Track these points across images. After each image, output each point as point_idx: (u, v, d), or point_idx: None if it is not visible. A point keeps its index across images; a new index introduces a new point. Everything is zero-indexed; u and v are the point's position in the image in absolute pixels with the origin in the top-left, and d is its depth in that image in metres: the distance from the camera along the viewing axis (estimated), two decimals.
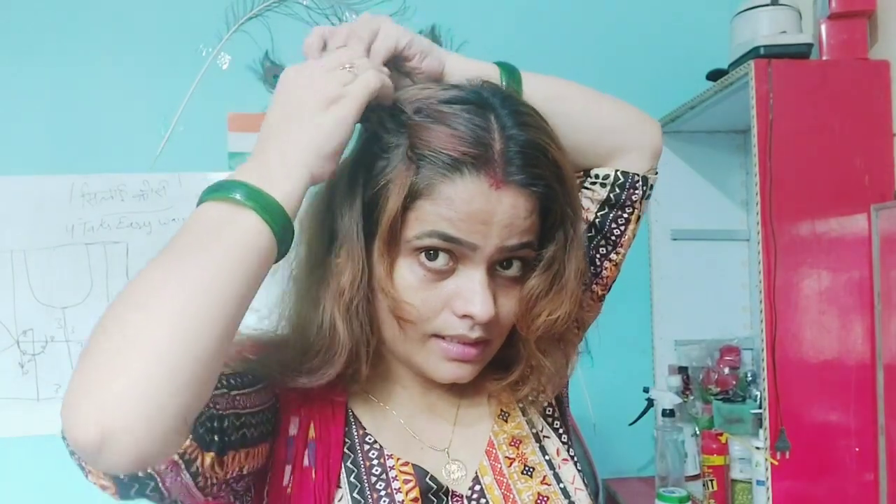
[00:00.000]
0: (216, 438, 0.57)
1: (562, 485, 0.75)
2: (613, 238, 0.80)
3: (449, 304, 0.66)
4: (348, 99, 0.60)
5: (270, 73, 2.14)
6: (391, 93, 0.65)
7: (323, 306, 0.65)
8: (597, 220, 0.79)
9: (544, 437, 0.79)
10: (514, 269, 0.68)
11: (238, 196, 0.55)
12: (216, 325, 0.51)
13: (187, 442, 0.54)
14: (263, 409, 0.65)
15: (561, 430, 0.81)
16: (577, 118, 0.76)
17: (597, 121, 0.78)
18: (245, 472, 0.62)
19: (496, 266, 0.67)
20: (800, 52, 1.66)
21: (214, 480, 0.57)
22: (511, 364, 0.75)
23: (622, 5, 2.25)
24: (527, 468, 0.75)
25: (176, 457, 0.53)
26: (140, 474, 0.52)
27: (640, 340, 2.23)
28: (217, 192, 0.56)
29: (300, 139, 0.58)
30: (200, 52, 2.16)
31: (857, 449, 1.57)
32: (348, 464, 0.68)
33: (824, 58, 1.70)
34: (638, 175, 0.80)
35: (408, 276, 0.65)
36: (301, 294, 0.69)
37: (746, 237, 2.21)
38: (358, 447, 0.70)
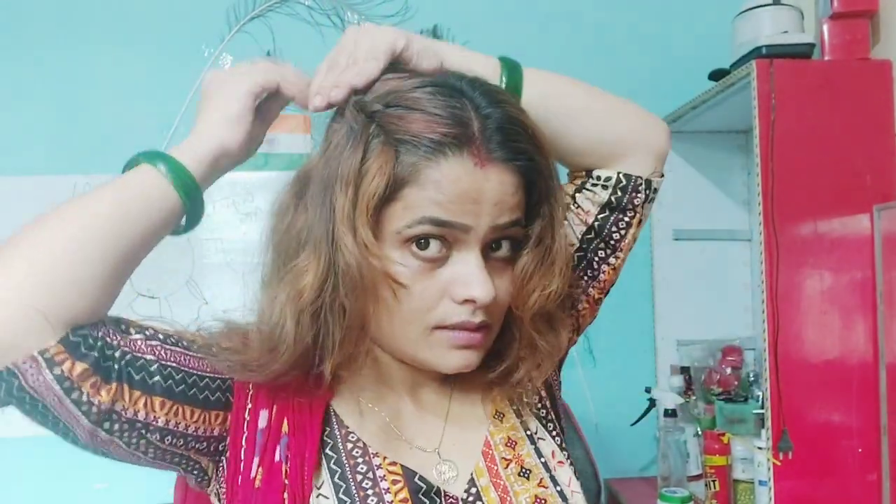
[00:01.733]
0: (113, 366, 0.60)
1: (558, 487, 0.74)
2: (613, 242, 0.80)
3: (447, 291, 0.65)
4: (244, 75, 0.69)
5: None
6: (295, 85, 0.71)
7: (279, 306, 0.64)
8: (596, 222, 0.79)
9: (539, 438, 0.77)
10: (505, 250, 0.67)
11: (148, 159, 0.67)
12: (95, 245, 0.60)
13: (52, 343, 0.57)
14: (208, 378, 0.66)
15: (555, 433, 0.79)
16: (579, 117, 0.75)
17: (599, 120, 0.77)
18: (160, 423, 0.62)
19: (488, 248, 0.66)
20: (802, 52, 1.66)
21: (96, 403, 0.59)
22: (502, 355, 0.73)
23: (623, 5, 2.24)
24: (524, 470, 0.74)
25: (35, 353, 0.57)
26: (2, 369, 0.56)
27: (642, 340, 2.23)
28: (138, 155, 0.68)
29: (208, 115, 0.69)
30: (202, 53, 2.16)
31: (859, 449, 1.57)
32: (331, 464, 0.67)
33: (826, 58, 1.70)
34: (641, 178, 0.79)
35: (401, 268, 0.64)
36: (267, 296, 0.67)
37: (748, 237, 2.21)
38: (341, 446, 0.68)
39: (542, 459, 0.75)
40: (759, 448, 1.62)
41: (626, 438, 2.17)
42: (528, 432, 0.77)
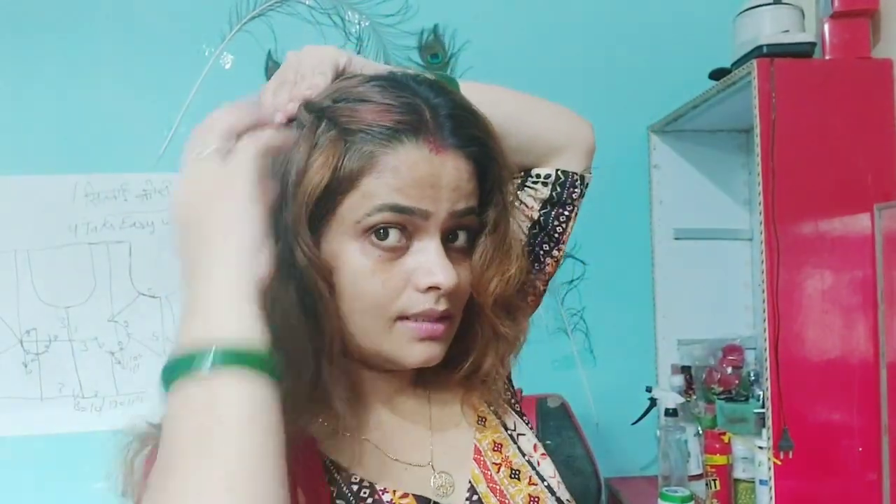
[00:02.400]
0: None
1: (546, 482, 0.75)
2: (556, 235, 0.83)
3: (410, 280, 0.64)
4: (234, 175, 0.56)
5: (273, 73, 2.14)
6: (283, 138, 0.62)
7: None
8: (541, 217, 0.82)
9: (519, 435, 0.78)
10: (462, 240, 0.68)
11: (213, 366, 0.49)
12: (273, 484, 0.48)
13: None
14: None
15: (529, 424, 0.80)
16: (513, 121, 0.78)
17: (533, 123, 0.81)
18: None
19: (445, 238, 0.66)
20: (802, 51, 1.66)
21: None
22: (467, 352, 0.73)
23: (624, 4, 2.24)
24: (513, 471, 0.74)
25: None
26: None
27: (643, 340, 2.23)
28: (184, 370, 0.50)
29: (211, 261, 0.53)
30: (203, 52, 2.16)
31: (860, 449, 1.57)
32: None
33: (827, 57, 1.69)
34: (577, 174, 0.83)
35: (361, 260, 0.63)
36: None
37: (749, 236, 2.21)
38: (346, 491, 0.65)
39: (526, 457, 0.76)
40: (760, 447, 1.62)
41: (626, 438, 2.17)
42: (509, 431, 0.78)
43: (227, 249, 0.53)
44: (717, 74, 1.86)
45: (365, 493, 0.65)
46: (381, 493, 0.65)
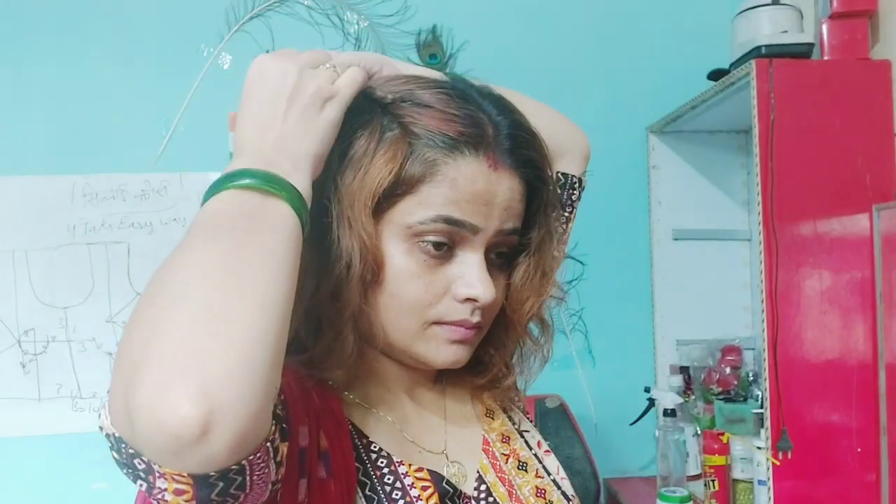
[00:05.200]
0: (284, 427, 0.53)
1: (551, 476, 0.77)
2: (557, 236, 0.83)
3: (450, 289, 0.65)
4: (338, 99, 0.61)
5: None
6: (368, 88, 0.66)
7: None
8: None
9: (524, 431, 0.80)
10: (501, 257, 0.69)
11: (268, 185, 0.54)
12: (285, 303, 0.50)
13: (273, 426, 0.49)
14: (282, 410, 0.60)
15: (533, 422, 0.83)
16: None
17: (542, 125, 0.81)
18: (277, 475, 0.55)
19: (487, 252, 0.67)
20: (801, 52, 1.66)
21: (280, 477, 0.52)
22: (485, 361, 0.75)
23: (623, 5, 2.25)
24: (521, 463, 0.76)
25: (267, 443, 0.48)
26: (234, 466, 0.46)
27: (642, 340, 2.23)
28: (236, 179, 0.54)
29: (300, 139, 0.58)
30: (202, 52, 2.16)
31: (858, 449, 1.57)
32: (360, 476, 0.65)
33: (825, 57, 1.70)
34: (575, 177, 0.85)
35: (407, 261, 0.64)
36: None
37: (748, 237, 2.21)
38: (365, 457, 0.66)
39: (533, 451, 0.78)
40: (759, 448, 1.62)
41: (625, 438, 2.17)
42: (515, 426, 0.80)
43: (311, 145, 0.58)
44: (715, 75, 1.86)
45: (382, 462, 0.67)
46: (397, 464, 0.67)
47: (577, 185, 0.85)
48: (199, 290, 0.47)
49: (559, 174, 0.83)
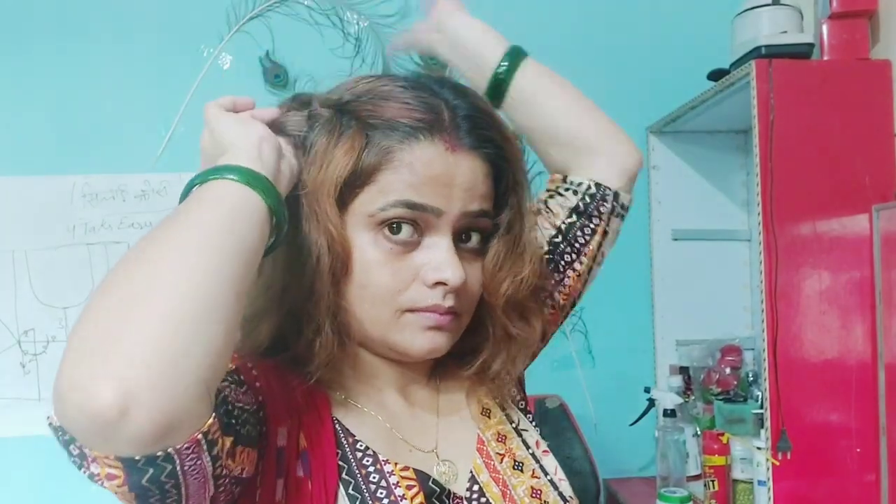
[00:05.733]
0: (233, 423, 0.54)
1: (549, 476, 0.76)
2: (578, 245, 0.82)
3: (419, 275, 0.66)
4: (254, 122, 0.64)
5: (272, 74, 2.14)
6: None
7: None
8: (563, 225, 0.82)
9: (522, 430, 0.79)
10: (474, 241, 0.70)
11: (210, 174, 0.57)
12: (225, 282, 0.51)
13: (210, 419, 0.50)
14: (253, 411, 0.60)
15: (534, 423, 0.82)
16: (563, 103, 0.83)
17: (578, 113, 0.84)
18: (242, 475, 0.57)
19: (458, 238, 0.68)
20: (801, 52, 1.66)
21: (226, 472, 0.53)
22: (478, 351, 0.75)
23: (623, 5, 2.25)
24: (517, 463, 0.75)
25: (199, 434, 0.49)
26: (159, 453, 0.47)
27: (641, 340, 2.23)
28: (192, 183, 0.58)
29: (226, 135, 0.63)
30: (201, 53, 2.16)
31: (858, 449, 1.57)
32: (344, 475, 0.65)
33: (825, 58, 1.70)
34: (610, 189, 0.83)
35: (373, 251, 0.65)
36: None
37: (747, 237, 2.21)
38: (350, 456, 0.66)
39: (530, 451, 0.77)
40: (758, 448, 1.62)
41: (625, 438, 2.17)
42: (513, 425, 0.79)
43: (249, 149, 0.60)
44: (715, 75, 1.86)
45: (368, 461, 0.67)
46: (383, 462, 0.67)
47: (609, 197, 0.82)
48: (130, 273, 0.51)
49: (591, 182, 0.82)
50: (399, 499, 0.65)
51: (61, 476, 2.06)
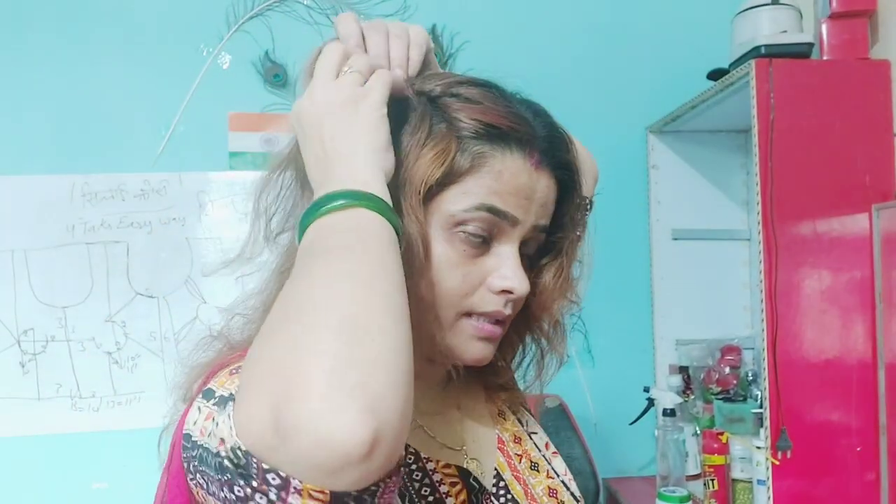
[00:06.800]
0: None
1: (560, 477, 0.78)
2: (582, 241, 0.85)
3: (486, 280, 0.66)
4: (372, 98, 0.61)
5: (271, 73, 2.14)
6: (403, 86, 0.66)
7: None
8: None
9: (532, 432, 0.81)
10: (530, 251, 0.70)
11: (357, 201, 0.55)
12: (404, 312, 0.51)
13: (402, 448, 0.49)
14: None
15: (539, 424, 0.84)
16: None
17: None
18: None
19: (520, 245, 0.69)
20: (801, 52, 1.66)
21: None
22: (500, 362, 0.76)
23: (622, 5, 2.25)
24: (533, 464, 0.77)
25: (402, 467, 0.49)
26: (372, 487, 0.45)
27: (641, 340, 2.23)
28: (324, 204, 0.55)
29: (355, 147, 0.59)
30: (201, 52, 2.16)
31: (858, 448, 1.57)
32: None
33: (825, 57, 1.70)
34: (588, 198, 0.85)
35: (448, 250, 0.65)
36: None
37: (747, 237, 2.21)
38: None
39: (542, 452, 0.79)
40: (758, 447, 1.62)
41: (624, 438, 2.17)
42: (525, 427, 0.81)
43: (366, 144, 0.59)
44: (715, 75, 1.86)
45: (410, 458, 0.67)
46: (425, 460, 0.67)
47: (588, 205, 0.84)
48: (339, 303, 0.47)
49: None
50: (444, 496, 0.66)
51: (61, 476, 2.07)
